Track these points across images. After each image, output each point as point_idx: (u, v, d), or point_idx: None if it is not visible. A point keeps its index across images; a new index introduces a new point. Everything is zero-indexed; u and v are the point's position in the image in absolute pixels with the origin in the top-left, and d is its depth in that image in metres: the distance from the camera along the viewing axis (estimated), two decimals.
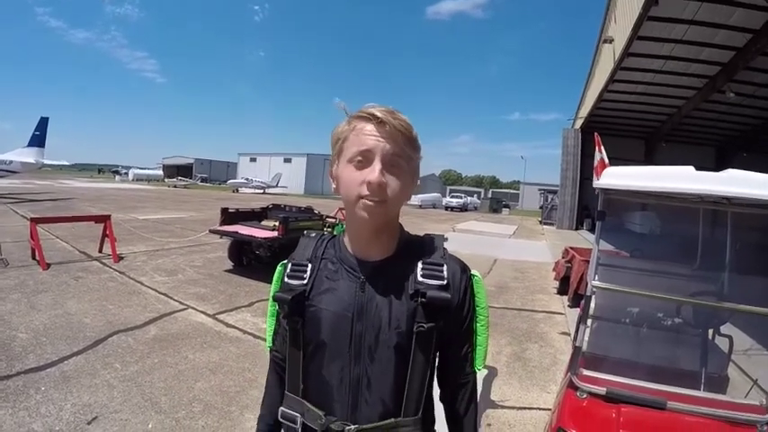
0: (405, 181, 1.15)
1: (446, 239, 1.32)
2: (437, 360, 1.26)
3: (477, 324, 1.30)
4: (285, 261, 1.33)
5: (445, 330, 1.20)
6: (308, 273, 1.23)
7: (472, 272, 1.31)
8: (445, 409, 1.34)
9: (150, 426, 3.51)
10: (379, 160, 1.10)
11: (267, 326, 1.43)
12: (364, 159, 1.11)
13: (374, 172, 1.08)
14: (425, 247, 1.27)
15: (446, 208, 46.81)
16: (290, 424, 1.22)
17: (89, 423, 3.46)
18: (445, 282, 1.18)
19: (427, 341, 1.16)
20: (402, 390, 1.16)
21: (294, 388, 1.23)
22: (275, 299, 1.26)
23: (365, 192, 1.09)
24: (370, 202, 1.09)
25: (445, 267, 1.21)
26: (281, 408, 1.25)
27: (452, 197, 50.92)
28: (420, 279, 1.17)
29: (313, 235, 1.35)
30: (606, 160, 3.96)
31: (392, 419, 1.15)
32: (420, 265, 1.20)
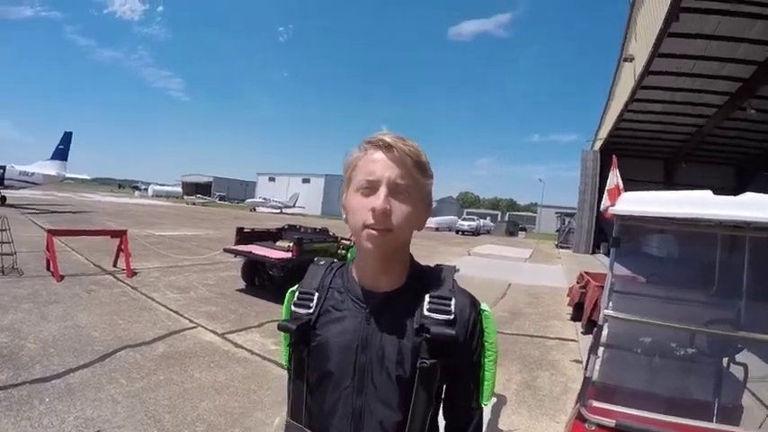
0: (412, 207, 1.11)
1: (457, 270, 1.29)
2: (443, 394, 1.23)
3: (485, 359, 1.24)
4: (294, 288, 1.31)
5: (451, 366, 1.16)
6: (315, 302, 1.22)
7: (482, 306, 1.25)
8: None
9: None
10: (384, 186, 1.08)
11: (282, 344, 1.37)
12: (371, 187, 1.09)
13: (378, 199, 1.06)
14: (435, 278, 1.22)
15: (457, 231, 45.14)
16: None
17: None
18: (452, 317, 1.14)
19: (430, 377, 1.12)
20: (405, 422, 1.12)
21: (297, 415, 1.22)
22: (279, 328, 1.23)
23: (370, 220, 1.07)
24: (374, 232, 1.07)
25: (453, 301, 1.16)
26: (288, 419, 1.24)
27: (464, 220, 49.45)
28: (426, 313, 1.14)
29: (322, 263, 1.33)
30: (621, 185, 3.90)
31: None
32: (427, 298, 1.16)
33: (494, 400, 4.79)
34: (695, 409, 2.71)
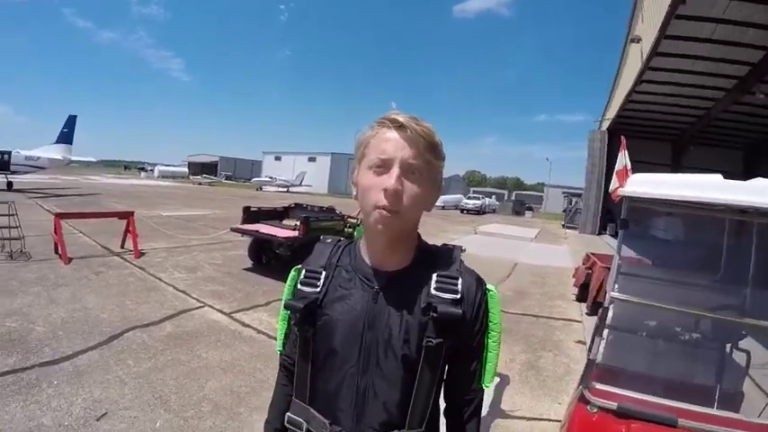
0: (424, 189, 1.11)
1: (464, 251, 1.29)
2: (445, 374, 1.23)
3: (489, 340, 1.24)
4: (299, 266, 1.32)
5: (455, 345, 1.16)
6: (322, 281, 1.22)
7: (488, 286, 1.25)
8: (447, 425, 1.29)
9: (158, 424, 3.53)
10: (397, 167, 1.08)
11: (278, 329, 1.41)
12: (384, 166, 1.09)
13: (391, 178, 1.06)
14: (442, 258, 1.22)
15: (461, 210, 43.81)
16: (296, 430, 1.22)
17: (98, 419, 3.49)
18: (459, 296, 1.14)
19: (436, 356, 1.13)
20: (408, 402, 1.13)
21: (301, 395, 1.23)
22: (287, 306, 1.24)
23: (382, 200, 1.07)
24: (385, 213, 1.07)
25: (460, 281, 1.17)
26: (288, 413, 1.25)
27: (468, 198, 48.62)
28: (433, 292, 1.14)
29: (329, 241, 1.34)
30: (629, 167, 3.85)
31: (396, 431, 1.14)
32: (434, 277, 1.16)
33: (497, 380, 4.82)
34: (697, 395, 2.72)
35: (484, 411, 3.71)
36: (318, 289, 1.21)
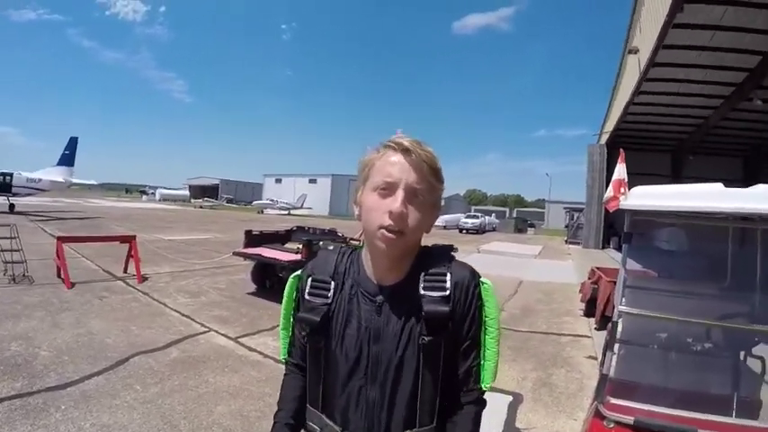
0: (425, 212, 1.16)
1: (455, 250, 1.31)
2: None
3: (486, 336, 1.24)
4: (299, 274, 1.35)
5: (450, 341, 1.19)
6: (331, 291, 1.24)
7: (482, 279, 1.25)
8: (447, 426, 1.25)
9: None
10: (402, 190, 1.11)
11: (281, 338, 1.45)
12: (388, 188, 1.13)
13: (396, 202, 1.10)
14: (433, 258, 1.25)
15: (460, 230, 41.90)
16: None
17: None
18: (447, 292, 1.17)
19: (432, 354, 1.15)
20: (416, 404, 1.17)
21: (314, 402, 1.26)
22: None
23: (386, 221, 1.10)
24: (389, 234, 1.11)
25: (448, 276, 1.19)
26: (308, 421, 1.28)
27: (467, 217, 46.45)
28: (422, 292, 1.17)
29: (331, 248, 1.36)
30: (625, 178, 3.87)
31: (408, 431, 1.17)
32: (422, 277, 1.19)
33: (509, 398, 4.78)
34: (713, 404, 2.68)
35: (498, 430, 3.65)
36: (329, 300, 1.23)
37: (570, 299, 10.71)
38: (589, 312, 8.68)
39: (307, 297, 1.26)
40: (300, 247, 8.88)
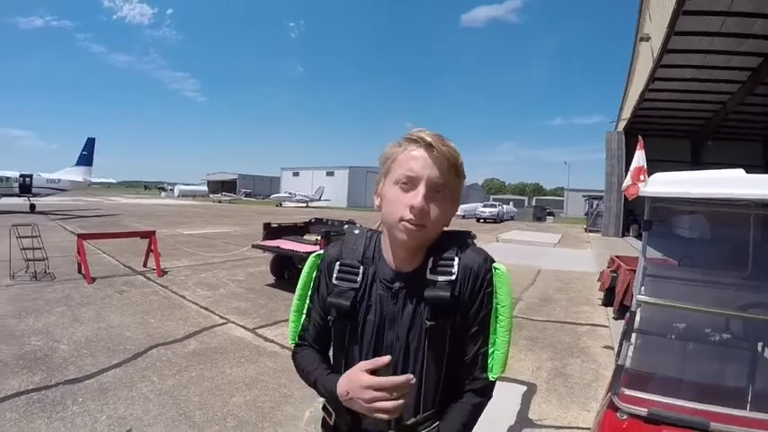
0: (446, 207, 1.18)
1: (473, 236, 1.29)
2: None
3: (497, 324, 1.21)
4: (320, 253, 1.38)
5: (458, 327, 1.19)
6: (360, 276, 1.26)
7: (495, 264, 1.23)
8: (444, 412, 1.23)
9: None
10: (424, 185, 1.13)
11: (291, 320, 1.43)
12: (410, 183, 1.14)
13: (418, 196, 1.12)
14: (447, 243, 1.24)
15: (477, 219, 40.68)
16: (327, 418, 1.29)
17: None
18: (452, 277, 1.17)
19: (435, 339, 1.16)
20: (421, 391, 1.18)
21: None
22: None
23: (408, 215, 1.12)
24: (411, 226, 1.13)
25: (456, 261, 1.19)
26: (324, 402, 1.30)
27: (485, 206, 44.73)
28: (428, 276, 1.18)
29: (357, 231, 1.37)
30: (644, 165, 3.78)
31: (413, 419, 1.17)
32: (430, 261, 1.20)
33: (523, 388, 4.74)
34: (729, 397, 2.63)
35: (510, 421, 3.62)
36: (357, 285, 1.24)
37: (589, 288, 10.60)
38: (608, 301, 8.57)
39: (335, 281, 1.27)
40: (319, 238, 8.92)
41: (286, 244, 9.42)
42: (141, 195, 76.96)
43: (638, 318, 2.81)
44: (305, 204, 58.52)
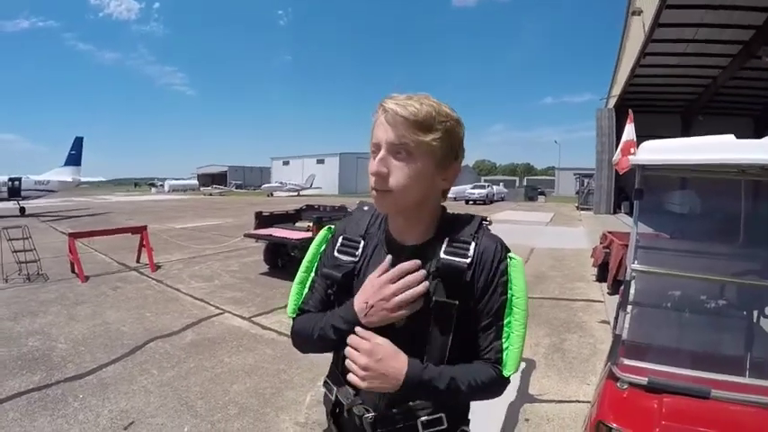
0: (414, 165, 1.09)
1: (488, 222, 1.26)
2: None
3: (512, 318, 1.15)
4: (332, 227, 1.37)
5: (467, 314, 1.13)
6: (360, 250, 1.25)
7: (510, 253, 1.19)
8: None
9: (186, 429, 3.54)
10: (384, 149, 1.10)
11: (294, 293, 1.40)
12: (376, 150, 1.12)
13: (373, 162, 1.11)
14: (460, 225, 1.20)
15: (466, 201, 39.17)
16: (328, 393, 1.28)
17: (126, 428, 3.51)
18: (468, 260, 1.12)
19: (443, 316, 1.12)
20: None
21: (335, 361, 1.28)
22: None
23: (372, 182, 1.11)
24: (376, 193, 1.12)
25: (472, 245, 1.14)
26: (325, 377, 1.30)
27: (473, 188, 43.35)
28: (442, 256, 1.13)
29: (366, 208, 1.34)
30: (634, 139, 3.78)
31: (410, 403, 1.14)
32: (445, 242, 1.15)
33: (522, 365, 4.78)
34: (727, 364, 2.66)
35: (511, 397, 3.65)
36: (357, 259, 1.23)
37: (582, 264, 10.68)
38: (601, 277, 8.64)
39: (336, 254, 1.26)
40: (311, 225, 8.92)
41: (278, 232, 9.44)
42: (131, 192, 76.13)
43: (632, 288, 2.82)
44: (296, 193, 58.24)
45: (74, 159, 31.32)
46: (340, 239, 1.28)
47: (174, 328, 5.85)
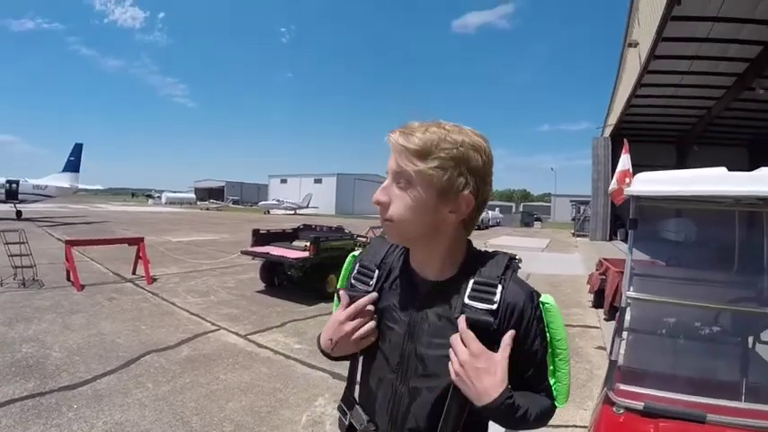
0: (414, 195, 1.06)
1: (517, 260, 1.20)
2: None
3: (555, 358, 1.14)
4: (357, 254, 1.35)
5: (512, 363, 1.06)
6: (374, 280, 1.22)
7: (542, 298, 1.15)
8: None
9: None
10: (389, 178, 1.11)
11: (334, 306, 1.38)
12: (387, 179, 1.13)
13: (377, 191, 1.11)
14: (486, 265, 1.14)
15: None
16: (342, 418, 1.26)
17: None
18: (494, 306, 1.06)
19: None
20: (440, 414, 1.09)
21: (350, 387, 1.27)
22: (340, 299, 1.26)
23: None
24: (383, 221, 1.12)
25: (499, 290, 1.08)
26: (339, 401, 1.29)
27: None
28: (466, 301, 1.08)
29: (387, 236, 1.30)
30: (630, 169, 3.85)
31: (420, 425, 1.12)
32: (470, 284, 1.10)
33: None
34: (723, 390, 2.68)
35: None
36: (371, 288, 1.21)
37: (578, 290, 10.70)
38: (598, 303, 8.68)
39: (352, 281, 1.26)
40: (308, 244, 8.93)
41: (275, 250, 9.43)
42: (128, 203, 76.17)
43: (628, 315, 2.86)
44: (293, 212, 58.25)
45: (73, 166, 31.39)
46: (356, 267, 1.28)
47: (169, 343, 5.83)
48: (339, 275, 1.37)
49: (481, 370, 1.00)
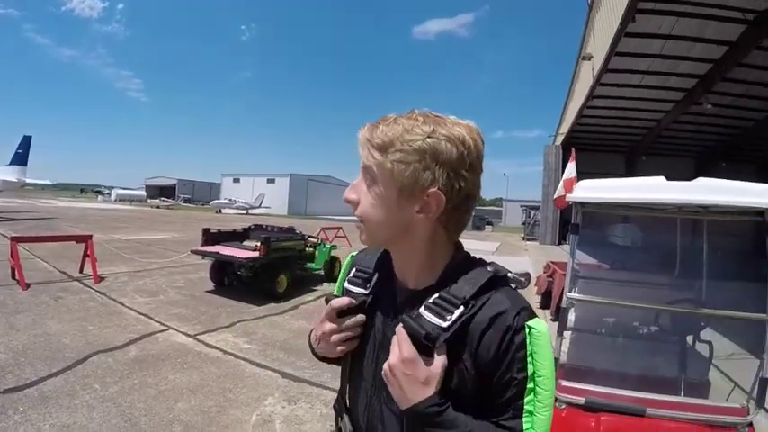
0: (378, 192, 0.97)
1: (523, 278, 1.07)
2: None
3: (535, 398, 0.91)
4: (355, 254, 1.27)
5: (468, 393, 0.94)
6: (372, 283, 1.13)
7: (530, 322, 0.93)
8: None
9: None
10: (359, 175, 1.02)
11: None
12: None
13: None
14: (461, 280, 0.98)
15: None
16: (339, 418, 1.21)
17: None
18: (446, 324, 0.91)
19: None
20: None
21: (341, 388, 1.22)
22: (327, 301, 1.12)
23: None
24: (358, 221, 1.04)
25: (458, 311, 0.92)
26: (334, 401, 1.25)
27: None
28: (421, 310, 0.95)
29: None
30: (575, 177, 4.01)
31: None
32: (434, 296, 0.97)
33: None
34: (664, 386, 2.83)
35: None
36: (367, 292, 1.12)
37: (526, 292, 10.89)
38: (545, 304, 8.93)
39: (346, 285, 1.18)
40: (258, 244, 8.88)
41: (225, 250, 9.34)
42: (77, 198, 73.10)
43: (570, 315, 2.98)
44: (245, 211, 57.29)
45: (20, 159, 29.91)
46: (353, 270, 1.20)
47: (117, 343, 5.68)
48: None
49: (410, 375, 0.90)
